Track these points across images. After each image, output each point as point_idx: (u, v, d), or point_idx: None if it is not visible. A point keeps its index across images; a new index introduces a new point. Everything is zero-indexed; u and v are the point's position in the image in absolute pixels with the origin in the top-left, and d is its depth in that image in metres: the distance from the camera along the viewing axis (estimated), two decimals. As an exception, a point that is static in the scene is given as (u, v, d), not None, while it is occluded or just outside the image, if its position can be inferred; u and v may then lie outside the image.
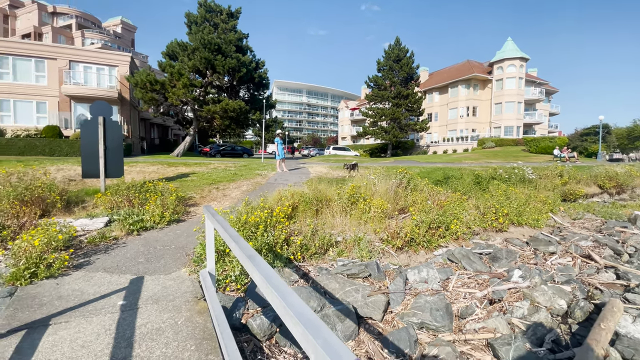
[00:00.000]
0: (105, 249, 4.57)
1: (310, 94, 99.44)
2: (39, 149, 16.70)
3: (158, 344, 2.48)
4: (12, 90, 19.46)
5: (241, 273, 3.94)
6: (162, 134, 37.57)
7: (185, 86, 19.30)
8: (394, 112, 36.27)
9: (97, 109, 6.83)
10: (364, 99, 49.52)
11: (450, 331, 3.58)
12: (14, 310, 2.97)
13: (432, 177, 10.45)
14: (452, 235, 5.87)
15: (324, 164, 18.56)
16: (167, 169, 11.96)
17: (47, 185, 5.92)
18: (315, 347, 0.89)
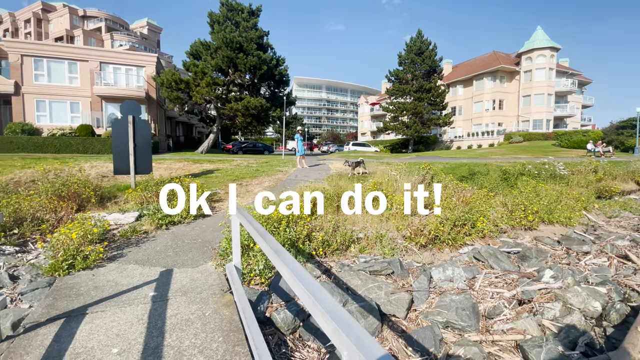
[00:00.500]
0: (137, 242, 4.79)
1: (329, 90, 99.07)
2: (74, 147, 17.64)
3: (187, 334, 2.57)
4: (47, 91, 20.62)
5: (265, 267, 4.00)
6: (187, 131, 38.69)
7: (209, 85, 19.73)
8: (415, 106, 35.49)
9: (127, 108, 7.12)
10: (384, 93, 48.75)
11: (477, 331, 3.48)
12: (53, 300, 3.16)
13: (456, 173, 10.16)
14: (478, 233, 5.69)
15: (344, 160, 18.48)
16: (193, 166, 12.31)
17: (82, 182, 6.26)
18: (348, 344, 0.89)
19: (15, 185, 7.32)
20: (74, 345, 2.44)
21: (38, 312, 2.92)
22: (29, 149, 17.04)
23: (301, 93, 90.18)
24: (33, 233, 4.87)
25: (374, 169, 12.11)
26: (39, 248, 4.44)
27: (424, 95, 35.57)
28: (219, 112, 22.49)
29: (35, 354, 2.34)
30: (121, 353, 2.34)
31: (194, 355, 2.33)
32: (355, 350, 0.86)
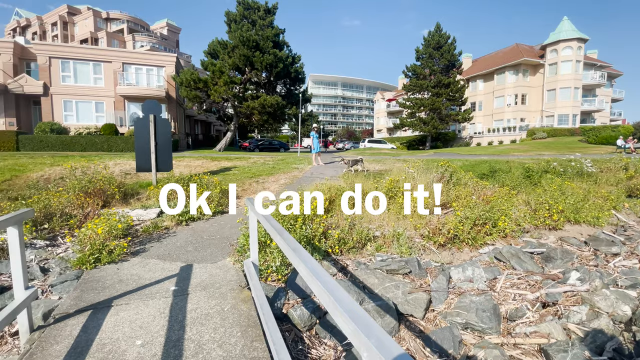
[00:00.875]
0: (158, 238, 4.94)
1: (345, 87, 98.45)
2: (98, 145, 18.34)
3: (207, 329, 2.63)
4: (74, 92, 21.49)
5: (281, 264, 4.04)
6: (205, 129, 39.45)
7: (226, 83, 20.02)
8: (433, 102, 34.74)
9: (148, 107, 7.32)
10: (401, 89, 47.99)
11: (498, 334, 3.39)
12: (81, 292, 3.31)
13: (476, 171, 9.89)
14: (499, 232, 5.53)
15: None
16: (211, 163, 12.56)
17: (107, 179, 6.50)
18: (368, 345, 0.88)
19: (45, 182, 7.70)
20: (100, 336, 2.54)
21: (67, 304, 3.06)
22: (58, 147, 17.84)
23: (316, 90, 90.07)
24: (62, 228, 5.11)
25: (390, 167, 11.96)
26: (67, 242, 4.65)
27: (443, 90, 34.77)
28: (236, 110, 22.80)
29: (65, 344, 2.46)
30: (144, 345, 2.42)
31: (214, 349, 2.38)
32: (376, 351, 0.85)
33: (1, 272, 4.05)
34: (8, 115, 20.46)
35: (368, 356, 0.88)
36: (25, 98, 21.44)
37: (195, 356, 2.29)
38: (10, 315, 2.42)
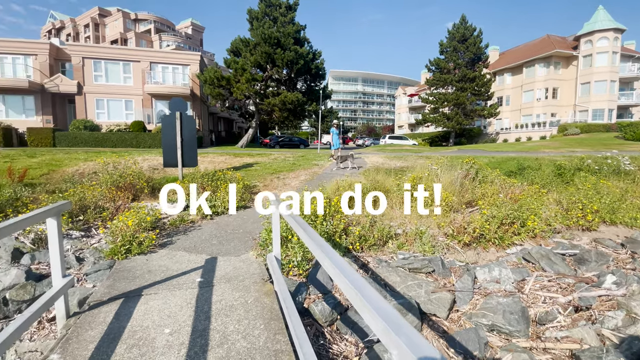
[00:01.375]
0: (184, 231, 5.10)
1: (365, 82, 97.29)
2: (128, 142, 19.15)
3: (231, 320, 2.70)
4: (105, 91, 22.50)
5: (302, 259, 4.07)
6: (228, 126, 40.26)
7: (248, 81, 20.30)
8: (457, 96, 33.69)
9: (174, 105, 7.55)
10: (423, 84, 46.87)
11: (527, 337, 3.26)
12: (113, 281, 3.47)
13: (503, 168, 9.53)
14: (528, 232, 5.30)
15: (380, 153, 18.14)
16: (234, 159, 12.81)
17: (136, 174, 6.78)
18: (398, 343, 0.86)
19: (80, 176, 8.13)
20: (131, 324, 2.66)
21: (100, 292, 3.23)
22: (90, 143, 18.78)
23: (337, 86, 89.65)
24: (95, 220, 5.39)
25: (412, 163, 11.73)
26: (100, 233, 4.90)
27: (467, 84, 33.64)
28: (257, 107, 23.09)
29: (99, 330, 2.60)
30: (172, 333, 2.51)
31: (238, 340, 2.43)
32: (406, 349, 0.84)
33: (40, 261, 4.33)
34: (45, 113, 21.71)
35: (398, 354, 0.87)
36: (61, 97, 22.66)
37: (220, 346, 2.35)
38: (49, 301, 2.57)
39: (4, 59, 21.08)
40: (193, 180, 7.06)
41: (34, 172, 8.69)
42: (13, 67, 21.26)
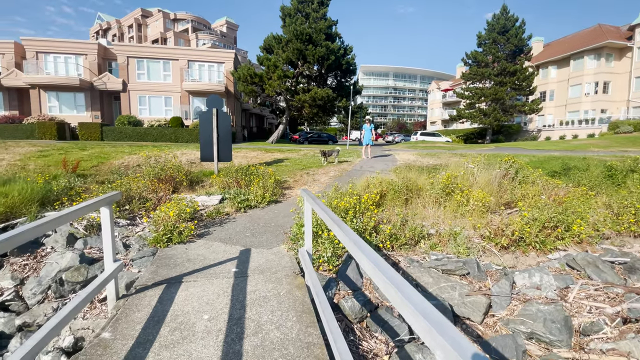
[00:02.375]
0: (220, 222, 5.33)
1: (397, 77, 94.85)
2: (167, 137, 20.18)
3: (265, 310, 2.80)
4: (147, 88, 23.81)
5: (332, 255, 4.10)
6: (259, 122, 41.15)
7: (280, 77, 20.59)
8: (496, 91, 31.94)
9: (211, 101, 7.85)
10: (459, 78, 44.92)
11: (569, 348, 3.08)
12: (156, 267, 3.71)
13: (546, 168, 8.96)
14: (573, 237, 4.97)
15: (412, 150, 17.69)
16: (265, 155, 13.10)
17: (176, 167, 7.15)
18: (443, 344, 0.86)
19: (125, 169, 8.71)
20: (173, 308, 2.84)
21: (145, 277, 3.46)
22: (134, 137, 20.01)
23: (367, 81, 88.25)
24: (139, 209, 5.76)
25: (446, 161, 11.35)
26: (144, 222, 5.24)
27: (507, 79, 31.79)
28: (288, 103, 23.38)
29: (145, 312, 2.79)
30: (211, 319, 2.65)
31: (271, 330, 2.52)
32: (451, 350, 0.83)
33: (91, 246, 4.71)
34: (94, 109, 23.40)
35: (443, 355, 0.87)
36: (108, 94, 24.29)
37: (255, 335, 2.45)
38: (101, 284, 2.80)
39: (58, 58, 22.90)
40: (228, 174, 7.33)
41: (85, 164, 9.44)
42: (65, 66, 23.05)
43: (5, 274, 4.11)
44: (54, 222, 2.18)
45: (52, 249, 4.63)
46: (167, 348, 2.30)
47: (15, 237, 1.76)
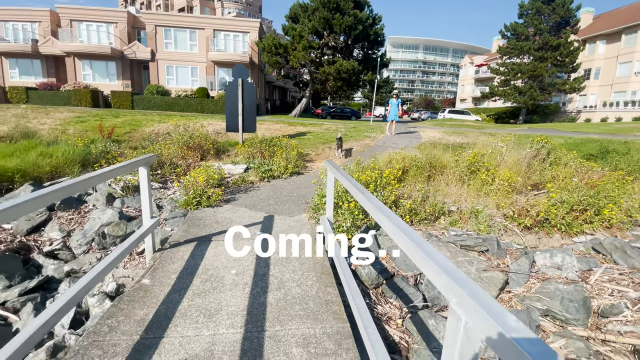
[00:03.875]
0: (245, 190, 5.55)
1: (427, 50, 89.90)
2: (194, 107, 20.60)
3: (287, 270, 2.99)
4: (174, 58, 24.07)
5: (352, 225, 4.22)
6: (282, 95, 40.92)
7: (305, 48, 20.15)
8: (535, 67, 29.74)
9: (237, 71, 7.90)
10: (495, 52, 42.10)
11: (585, 327, 3.10)
12: (188, 227, 3.98)
13: (582, 150, 8.51)
14: (602, 222, 4.80)
15: (438, 128, 17.16)
16: (288, 128, 13.18)
17: (204, 136, 7.40)
18: (461, 294, 0.92)
19: (156, 136, 9.09)
20: (204, 263, 3.09)
21: (178, 235, 3.74)
22: (162, 107, 20.58)
23: (395, 54, 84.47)
24: (170, 174, 6.09)
25: (474, 140, 10.97)
26: (175, 186, 5.55)
27: (549, 54, 29.43)
28: (312, 76, 22.99)
29: (178, 264, 3.06)
30: (238, 274, 2.87)
31: (293, 287, 2.71)
32: (470, 300, 0.89)
33: (128, 205, 5.07)
34: (125, 77, 24.06)
35: (457, 302, 0.95)
36: (137, 63, 24.80)
37: (278, 290, 2.64)
38: (140, 237, 3.07)
39: (90, 26, 23.42)
40: (252, 145, 7.50)
41: (119, 130, 9.91)
42: (98, 34, 23.58)
43: (54, 226, 4.55)
44: (100, 177, 2.39)
45: (94, 206, 5.04)
46: (200, 295, 2.54)
47: (68, 188, 1.96)
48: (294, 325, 2.23)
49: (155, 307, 2.39)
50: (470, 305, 0.89)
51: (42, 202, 1.72)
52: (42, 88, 21.82)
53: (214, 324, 2.21)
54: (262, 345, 2.02)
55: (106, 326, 2.18)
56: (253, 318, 2.28)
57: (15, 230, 4.53)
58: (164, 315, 2.29)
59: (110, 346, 2.00)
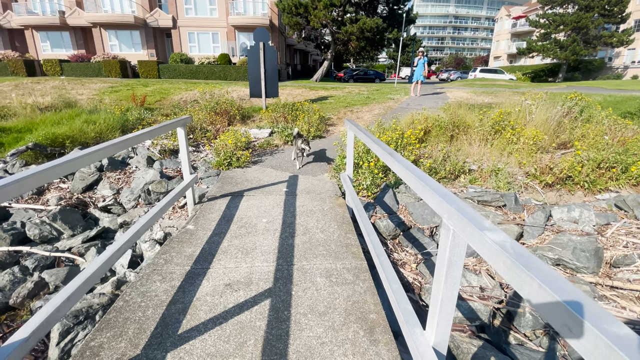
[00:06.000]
0: (270, 153, 5.87)
1: (459, 2, 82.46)
2: (217, 74, 20.77)
3: (311, 219, 3.32)
4: (195, 24, 23.92)
5: (371, 183, 4.45)
6: (303, 60, 39.89)
7: (326, 7, 19.32)
8: (579, 18, 26.86)
9: (258, 35, 7.91)
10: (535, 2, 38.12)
11: (595, 275, 3.26)
12: (221, 184, 4.38)
13: (619, 109, 8.00)
14: (629, 179, 4.72)
15: (466, 88, 16.39)
16: (310, 92, 13.15)
17: (229, 102, 7.67)
18: (448, 209, 1.16)
19: (184, 103, 9.48)
20: (238, 213, 3.48)
21: (213, 191, 4.15)
22: (187, 75, 20.92)
23: (423, 9, 78.40)
24: (201, 139, 6.49)
25: (505, 100, 10.52)
26: (206, 149, 5.95)
27: (595, 2, 26.30)
28: (333, 37, 22.20)
29: (217, 214, 3.47)
30: (268, 222, 3.24)
31: (317, 233, 3.04)
32: (457, 214, 1.12)
33: (166, 167, 5.55)
34: (149, 47, 24.39)
35: (448, 217, 1.18)
36: (160, 31, 24.92)
37: (304, 234, 2.99)
38: (182, 190, 3.47)
39: (111, -7, 23.53)
40: (275, 110, 7.70)
41: (149, 99, 10.39)
42: (120, 2, 23.69)
43: (104, 185, 5.12)
44: (146, 134, 2.73)
45: (136, 167, 5.57)
46: (237, 238, 2.93)
47: (120, 144, 2.29)
48: (318, 261, 2.57)
49: (201, 246, 2.81)
50: (457, 218, 1.12)
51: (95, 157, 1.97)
52: (74, 60, 22.67)
53: (250, 259, 2.60)
54: (291, 275, 2.39)
55: (162, 259, 2.63)
56: (283, 255, 2.65)
57: (72, 189, 5.15)
58: (208, 252, 2.71)
59: (167, 273, 2.44)
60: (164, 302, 2.10)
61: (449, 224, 1.17)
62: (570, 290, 0.72)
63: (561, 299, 0.69)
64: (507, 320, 2.66)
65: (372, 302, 2.12)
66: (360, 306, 2.08)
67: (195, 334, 1.85)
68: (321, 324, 1.92)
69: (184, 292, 2.21)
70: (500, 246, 0.89)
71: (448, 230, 1.18)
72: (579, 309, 0.66)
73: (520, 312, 2.64)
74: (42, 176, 1.53)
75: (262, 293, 2.19)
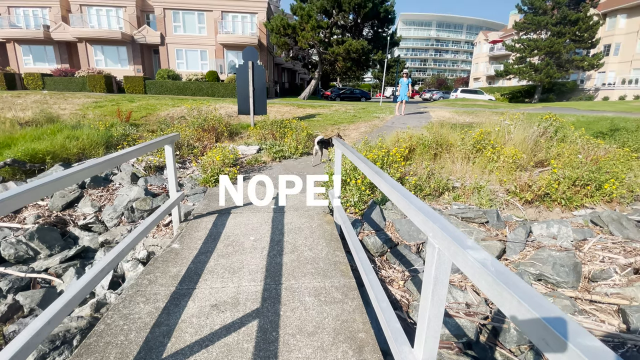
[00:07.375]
0: (258, 169, 5.88)
1: (440, 27, 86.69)
2: (204, 91, 20.84)
3: (299, 237, 3.32)
4: (183, 41, 24.14)
5: (359, 200, 4.51)
6: (291, 78, 40.61)
7: (313, 28, 19.94)
8: (552, 43, 28.63)
9: (247, 54, 8.06)
10: (511, 28, 40.49)
11: (574, 290, 3.36)
12: (208, 201, 4.34)
13: (592, 129, 8.47)
14: (603, 196, 4.96)
15: (448, 108, 17.02)
16: (297, 110, 13.34)
17: (217, 119, 7.69)
18: (433, 228, 1.21)
19: (171, 119, 9.43)
20: (225, 231, 3.44)
21: (200, 208, 4.10)
22: (174, 91, 20.88)
23: (406, 32, 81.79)
24: (188, 155, 6.44)
25: (485, 120, 10.96)
26: (193, 166, 5.91)
27: (567, 28, 28.21)
28: (320, 57, 22.80)
29: (203, 232, 3.42)
30: (256, 240, 3.22)
31: (305, 250, 3.04)
32: (442, 233, 1.17)
33: (151, 184, 5.47)
34: (136, 62, 24.35)
35: (432, 235, 1.22)
36: (147, 47, 24.97)
37: (292, 253, 2.98)
38: (168, 208, 3.42)
39: (100, 11, 23.56)
40: (264, 127, 7.77)
41: (135, 115, 10.30)
42: (107, 19, 23.73)
43: (86, 202, 4.98)
44: (132, 153, 2.71)
45: (120, 184, 5.45)
46: (224, 257, 2.90)
47: (103, 164, 2.25)
48: (306, 280, 2.56)
49: (186, 265, 2.76)
50: (441, 237, 1.17)
51: (80, 176, 1.93)
52: (57, 74, 22.33)
53: (237, 278, 2.57)
54: (279, 294, 2.37)
55: (146, 280, 2.56)
56: (271, 274, 2.63)
57: (51, 206, 4.98)
58: (194, 272, 2.66)
59: (151, 294, 2.38)
60: (147, 325, 2.04)
61: (434, 243, 1.22)
62: (548, 306, 0.76)
63: (539, 315, 0.74)
64: (493, 336, 2.70)
65: (360, 321, 2.12)
66: (349, 325, 2.08)
67: (181, 357, 1.80)
68: (310, 345, 1.90)
69: (168, 314, 2.15)
70: (482, 264, 0.94)
71: (433, 248, 1.22)
72: (556, 324, 0.71)
73: (505, 328, 2.69)
74: (22, 198, 1.48)
75: (250, 314, 2.15)
